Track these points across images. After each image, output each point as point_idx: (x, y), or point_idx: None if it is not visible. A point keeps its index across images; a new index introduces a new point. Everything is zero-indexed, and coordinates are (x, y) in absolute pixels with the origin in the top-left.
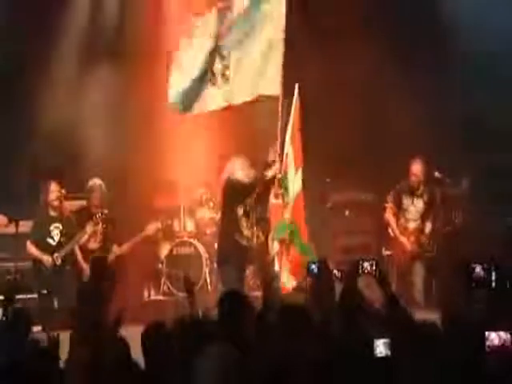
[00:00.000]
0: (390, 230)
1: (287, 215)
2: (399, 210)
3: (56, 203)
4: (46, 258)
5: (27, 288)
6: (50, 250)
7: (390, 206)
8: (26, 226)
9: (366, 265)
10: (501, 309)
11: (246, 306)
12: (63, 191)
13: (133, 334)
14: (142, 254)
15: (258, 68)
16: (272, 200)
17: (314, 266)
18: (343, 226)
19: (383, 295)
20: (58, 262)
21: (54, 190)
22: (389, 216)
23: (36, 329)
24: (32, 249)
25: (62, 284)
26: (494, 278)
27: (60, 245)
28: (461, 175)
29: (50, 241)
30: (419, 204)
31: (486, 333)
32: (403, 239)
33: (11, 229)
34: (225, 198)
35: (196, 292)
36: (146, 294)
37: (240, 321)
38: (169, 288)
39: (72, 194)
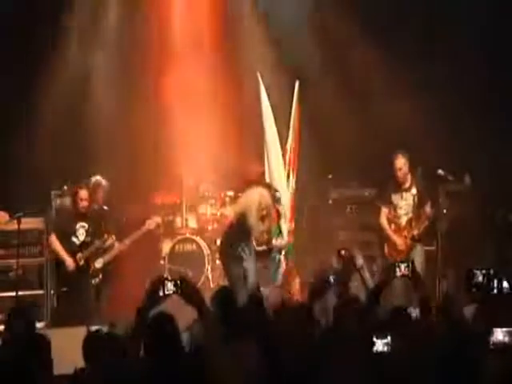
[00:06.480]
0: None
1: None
2: (390, 209)
3: (85, 206)
4: (69, 260)
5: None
6: (73, 249)
7: (383, 210)
8: (26, 223)
9: (402, 267)
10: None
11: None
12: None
13: None
14: (144, 250)
15: None
16: None
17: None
18: (344, 222)
19: (417, 297)
20: (81, 262)
21: (83, 198)
22: (383, 221)
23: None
24: (56, 244)
25: (79, 282)
26: (495, 284)
27: (84, 244)
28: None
29: (75, 240)
30: (409, 197)
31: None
32: (397, 239)
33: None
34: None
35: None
36: None
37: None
38: None
39: None
